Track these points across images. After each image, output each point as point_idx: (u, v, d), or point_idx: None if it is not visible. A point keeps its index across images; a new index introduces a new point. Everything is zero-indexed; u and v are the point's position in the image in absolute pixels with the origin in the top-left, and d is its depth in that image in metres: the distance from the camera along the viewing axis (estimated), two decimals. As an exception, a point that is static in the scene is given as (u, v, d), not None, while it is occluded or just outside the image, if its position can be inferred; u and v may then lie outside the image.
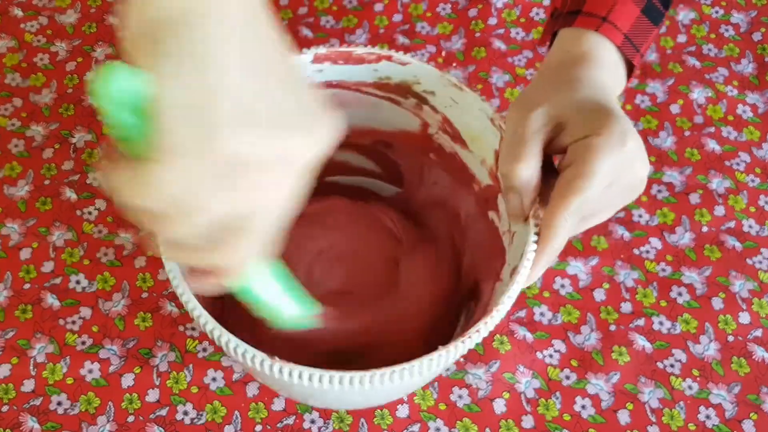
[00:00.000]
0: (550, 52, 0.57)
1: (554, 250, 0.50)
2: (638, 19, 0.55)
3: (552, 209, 0.49)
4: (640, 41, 0.55)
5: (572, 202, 0.48)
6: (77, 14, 0.82)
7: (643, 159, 0.50)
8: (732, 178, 0.74)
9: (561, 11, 0.57)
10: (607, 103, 0.50)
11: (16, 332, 0.65)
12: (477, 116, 0.59)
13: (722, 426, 0.63)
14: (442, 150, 0.64)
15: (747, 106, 0.78)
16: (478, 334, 0.49)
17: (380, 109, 0.63)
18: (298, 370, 0.47)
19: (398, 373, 0.48)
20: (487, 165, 0.60)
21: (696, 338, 0.66)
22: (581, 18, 0.55)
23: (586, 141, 0.48)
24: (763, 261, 0.70)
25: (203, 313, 0.49)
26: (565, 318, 0.67)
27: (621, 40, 0.54)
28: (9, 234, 0.69)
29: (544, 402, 0.63)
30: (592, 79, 0.52)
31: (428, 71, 0.59)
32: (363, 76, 0.61)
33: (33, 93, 0.77)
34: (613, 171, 0.48)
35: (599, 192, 0.48)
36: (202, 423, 0.62)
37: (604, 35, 0.54)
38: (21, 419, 0.62)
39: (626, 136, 0.48)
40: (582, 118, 0.49)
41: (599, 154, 0.47)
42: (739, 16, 0.84)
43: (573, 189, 0.48)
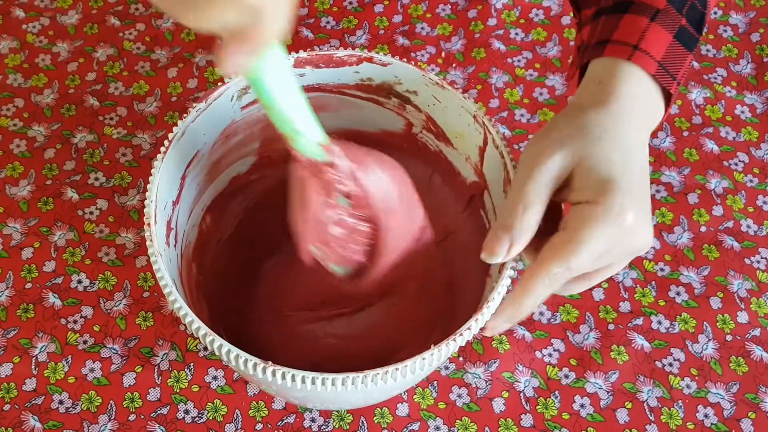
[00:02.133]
0: (581, 86, 0.54)
1: (522, 312, 0.49)
2: (671, 45, 0.53)
3: (532, 271, 0.48)
4: (675, 69, 0.53)
5: (552, 268, 0.47)
6: (79, 15, 0.83)
7: (645, 230, 0.48)
8: (730, 178, 0.74)
9: (588, 43, 0.55)
10: (622, 168, 0.48)
11: (17, 331, 0.65)
12: (460, 114, 0.59)
13: (720, 425, 0.63)
14: (427, 149, 0.64)
15: (745, 107, 0.78)
16: (469, 332, 0.50)
17: (364, 111, 0.63)
18: (291, 373, 0.48)
19: (391, 373, 0.48)
20: (471, 162, 0.61)
21: (694, 337, 0.67)
22: (611, 47, 0.52)
23: (585, 207, 0.47)
24: (761, 261, 0.70)
25: (195, 319, 0.49)
26: (564, 317, 0.67)
27: (655, 68, 0.52)
28: (11, 234, 0.70)
29: (543, 401, 0.64)
30: (618, 132, 0.50)
31: (409, 71, 0.60)
32: (345, 78, 0.61)
33: (35, 93, 0.77)
34: (606, 243, 0.47)
35: (589, 261, 0.47)
36: (203, 422, 0.62)
37: (636, 64, 0.51)
38: (23, 418, 0.62)
39: (626, 211, 0.46)
40: (590, 179, 0.48)
41: (591, 225, 0.46)
42: (738, 17, 0.84)
43: (556, 255, 0.47)
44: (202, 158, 0.60)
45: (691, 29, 0.54)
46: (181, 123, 0.56)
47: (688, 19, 0.54)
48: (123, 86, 0.78)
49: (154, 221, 0.53)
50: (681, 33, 0.54)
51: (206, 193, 0.63)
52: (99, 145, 0.74)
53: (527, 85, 0.79)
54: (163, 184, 0.55)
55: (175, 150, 0.56)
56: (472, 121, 0.58)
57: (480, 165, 0.60)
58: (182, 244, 0.59)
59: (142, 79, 0.79)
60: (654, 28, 0.53)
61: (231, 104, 0.59)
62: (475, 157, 0.60)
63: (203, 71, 0.79)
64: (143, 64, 0.80)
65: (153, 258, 0.51)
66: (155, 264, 0.51)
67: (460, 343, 0.49)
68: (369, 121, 0.64)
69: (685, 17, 0.54)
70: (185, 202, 0.59)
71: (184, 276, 0.59)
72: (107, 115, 0.76)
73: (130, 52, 0.80)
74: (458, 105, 0.59)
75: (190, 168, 0.59)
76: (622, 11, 0.54)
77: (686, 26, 0.54)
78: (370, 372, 0.48)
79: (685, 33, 0.54)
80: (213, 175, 0.63)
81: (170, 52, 0.81)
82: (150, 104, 0.77)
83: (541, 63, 0.80)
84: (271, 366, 0.48)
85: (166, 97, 0.78)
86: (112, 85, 0.78)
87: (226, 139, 0.61)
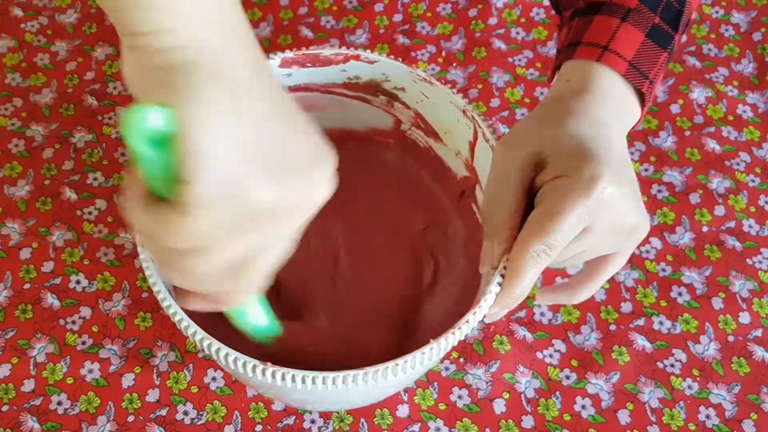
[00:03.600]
0: (550, 87, 0.54)
1: (515, 296, 0.48)
2: (643, 44, 0.52)
3: (515, 253, 0.47)
4: (647, 67, 0.52)
5: (532, 246, 0.46)
6: (77, 14, 0.82)
7: (631, 206, 0.47)
8: (732, 178, 0.74)
9: (562, 46, 0.55)
10: (592, 143, 0.47)
11: (16, 332, 0.65)
12: (449, 109, 0.59)
13: (722, 426, 0.63)
14: (416, 145, 0.64)
15: (747, 106, 0.78)
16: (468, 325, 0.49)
17: (351, 109, 0.63)
18: (291, 373, 0.47)
19: (391, 369, 0.48)
20: (462, 157, 0.61)
21: (696, 338, 0.66)
22: (581, 48, 0.52)
23: (555, 182, 0.46)
24: (763, 261, 0.70)
25: (191, 324, 0.49)
26: (565, 318, 0.67)
27: (625, 68, 0.51)
28: (9, 234, 0.69)
29: (544, 402, 0.63)
30: (587, 113, 0.49)
31: (397, 68, 0.59)
32: (332, 77, 0.61)
33: (33, 93, 0.77)
34: (582, 216, 0.45)
35: (567, 237, 0.46)
36: (202, 423, 0.62)
37: (606, 65, 0.51)
38: (21, 419, 0.62)
39: (596, 181, 0.45)
40: (560, 156, 0.47)
41: (563, 197, 0.45)
42: (740, 16, 0.84)
43: (535, 231, 0.46)
44: None
45: (665, 27, 0.54)
46: None
47: (662, 18, 0.54)
48: (122, 85, 0.78)
49: None
50: (654, 31, 0.53)
51: None
52: (98, 145, 0.74)
53: (528, 85, 0.79)
54: None
55: None
56: (461, 116, 0.58)
57: (470, 160, 0.60)
58: None
59: (141, 79, 0.78)
60: (625, 27, 0.52)
61: None
62: (465, 152, 0.60)
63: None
64: (142, 64, 0.79)
65: (145, 264, 0.51)
66: (147, 270, 0.50)
67: (458, 337, 0.49)
68: (357, 119, 0.64)
69: (658, 16, 0.54)
70: None
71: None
72: (106, 114, 0.76)
73: (129, 52, 0.80)
74: (447, 100, 0.59)
75: None
76: (594, 12, 0.54)
77: (660, 24, 0.53)
78: (370, 369, 0.47)
79: (659, 31, 0.53)
80: None
81: (169, 52, 0.80)
82: (149, 104, 0.77)
83: (542, 62, 0.80)
84: (270, 367, 0.48)
85: (165, 96, 0.77)
86: (111, 85, 0.78)
87: None
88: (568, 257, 0.48)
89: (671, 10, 0.54)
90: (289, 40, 0.81)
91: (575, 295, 0.54)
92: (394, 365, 0.48)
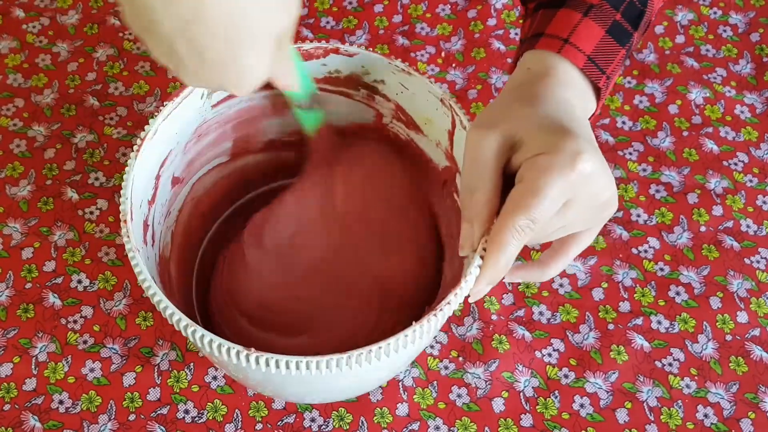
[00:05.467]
0: (513, 74, 0.55)
1: (498, 269, 0.49)
2: (602, 39, 0.54)
3: (497, 227, 0.47)
4: (605, 63, 0.54)
5: (516, 220, 0.46)
6: (78, 15, 0.83)
7: (603, 179, 0.48)
8: (730, 178, 0.74)
9: (525, 37, 0.56)
10: (566, 121, 0.48)
11: (17, 331, 0.65)
12: (427, 99, 0.59)
13: (720, 425, 0.63)
14: (398, 138, 0.64)
15: (745, 107, 0.78)
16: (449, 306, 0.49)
17: (333, 104, 0.63)
18: (275, 359, 0.47)
19: (375, 352, 0.47)
20: (442, 147, 0.61)
21: (694, 337, 0.67)
22: (543, 40, 0.54)
23: (536, 159, 0.47)
24: (761, 260, 0.70)
25: (176, 311, 0.49)
26: (564, 317, 0.67)
27: (584, 62, 0.53)
28: (11, 234, 0.70)
29: (542, 401, 0.64)
30: (555, 95, 0.51)
31: (376, 60, 0.60)
32: (313, 72, 0.61)
33: (35, 93, 0.78)
34: (564, 191, 0.46)
35: (549, 211, 0.46)
36: (203, 421, 0.62)
37: (565, 58, 0.52)
38: (23, 418, 0.62)
39: (578, 156, 0.46)
40: (537, 135, 0.47)
41: (546, 173, 0.46)
42: (737, 17, 0.84)
43: (519, 207, 0.46)
44: (175, 158, 0.60)
45: (626, 24, 0.55)
46: (153, 121, 0.56)
47: (624, 15, 0.55)
48: (123, 86, 0.78)
49: (131, 218, 0.52)
50: (614, 28, 0.54)
51: (180, 194, 0.63)
52: (99, 145, 0.75)
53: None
54: (137, 182, 0.55)
55: (148, 148, 0.55)
56: (439, 104, 0.59)
57: (450, 149, 0.60)
58: (160, 243, 0.59)
59: (142, 79, 0.79)
60: (586, 22, 0.54)
61: (201, 102, 0.59)
62: (445, 142, 0.60)
63: (203, 71, 0.79)
64: (143, 64, 0.80)
65: (131, 254, 0.51)
66: (133, 260, 0.51)
67: (441, 319, 0.49)
68: (339, 114, 0.64)
69: (620, 13, 0.55)
70: (160, 203, 0.59)
71: (164, 276, 0.59)
72: (107, 115, 0.76)
73: (130, 52, 0.80)
74: (425, 90, 0.59)
75: (164, 167, 0.59)
76: (558, 5, 0.55)
77: (620, 21, 0.55)
78: (353, 352, 0.47)
79: (619, 28, 0.54)
80: (187, 175, 0.62)
81: (170, 52, 0.80)
82: (150, 104, 0.77)
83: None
84: (254, 353, 0.47)
85: (166, 97, 0.78)
86: (112, 85, 0.78)
87: (198, 138, 0.61)
88: (549, 232, 0.49)
89: (634, 9, 0.56)
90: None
91: (546, 271, 0.54)
92: (378, 348, 0.48)
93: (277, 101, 0.63)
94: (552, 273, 0.54)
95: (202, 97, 0.59)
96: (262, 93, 0.62)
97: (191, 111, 0.59)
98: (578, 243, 0.53)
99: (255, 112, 0.64)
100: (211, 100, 0.60)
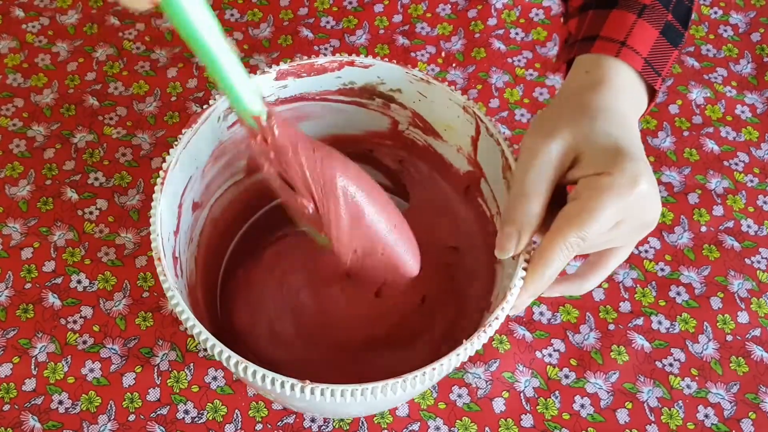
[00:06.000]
0: (568, 77, 0.55)
1: (543, 282, 0.49)
2: (657, 41, 0.53)
3: (548, 241, 0.48)
4: (660, 65, 0.53)
5: (569, 236, 0.47)
6: (78, 15, 0.83)
7: (655, 201, 0.49)
8: (731, 178, 0.74)
9: (576, 37, 0.56)
10: (626, 140, 0.49)
11: (17, 332, 0.65)
12: (448, 106, 0.59)
13: (721, 425, 0.63)
14: (415, 144, 0.64)
15: (746, 107, 0.78)
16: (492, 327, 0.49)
17: (347, 114, 0.63)
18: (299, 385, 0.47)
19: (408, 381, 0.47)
20: (464, 152, 0.61)
21: (695, 338, 0.67)
22: (600, 43, 0.53)
23: (597, 178, 0.47)
24: (761, 261, 0.70)
25: (203, 330, 0.49)
26: (565, 317, 0.67)
27: (641, 65, 0.52)
28: (10, 234, 0.70)
29: (543, 401, 0.64)
30: (613, 108, 0.50)
31: (392, 70, 0.59)
32: (327, 85, 0.61)
33: (34, 93, 0.77)
34: (620, 212, 0.47)
35: (601, 231, 0.47)
36: (202, 422, 0.62)
37: (624, 61, 0.52)
38: (22, 418, 0.62)
39: (639, 179, 0.46)
40: (597, 153, 0.48)
41: (607, 193, 0.46)
42: (738, 16, 0.84)
43: (573, 223, 0.47)
44: (195, 183, 0.59)
45: (677, 25, 0.55)
46: (173, 151, 0.55)
47: (675, 15, 0.55)
48: (122, 86, 0.78)
49: (164, 254, 0.51)
50: (667, 29, 0.54)
51: (200, 218, 0.62)
52: (99, 145, 0.74)
53: (527, 85, 0.79)
54: (164, 215, 0.53)
55: (170, 179, 0.55)
56: (461, 112, 0.58)
57: (474, 154, 0.60)
58: (186, 273, 0.58)
59: (141, 79, 0.79)
60: (641, 24, 0.53)
61: (218, 125, 0.58)
62: (467, 148, 0.60)
63: (203, 71, 0.79)
64: (143, 64, 0.80)
65: (170, 293, 0.50)
66: (173, 299, 0.49)
67: (489, 333, 0.49)
68: (353, 123, 0.64)
69: (671, 13, 0.55)
70: (183, 231, 0.58)
71: (195, 304, 0.58)
72: (107, 114, 0.76)
73: (130, 52, 0.80)
74: (446, 98, 0.59)
75: (185, 195, 0.58)
76: (610, 6, 0.55)
77: (672, 22, 0.55)
78: (408, 376, 0.47)
79: (671, 29, 0.54)
80: (206, 198, 0.62)
81: (170, 52, 0.80)
82: (150, 104, 0.77)
83: (542, 63, 0.80)
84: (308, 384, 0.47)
85: (165, 97, 0.78)
86: (112, 85, 0.78)
87: (215, 160, 0.60)
88: (592, 248, 0.50)
89: (682, 7, 0.56)
90: (289, 41, 0.81)
91: (584, 284, 0.54)
92: (431, 369, 0.47)
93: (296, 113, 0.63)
94: (590, 286, 0.54)
95: (219, 120, 0.58)
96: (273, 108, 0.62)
97: (208, 135, 0.58)
98: (617, 256, 0.52)
99: None
100: (227, 122, 0.59)
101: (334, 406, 0.54)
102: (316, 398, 0.47)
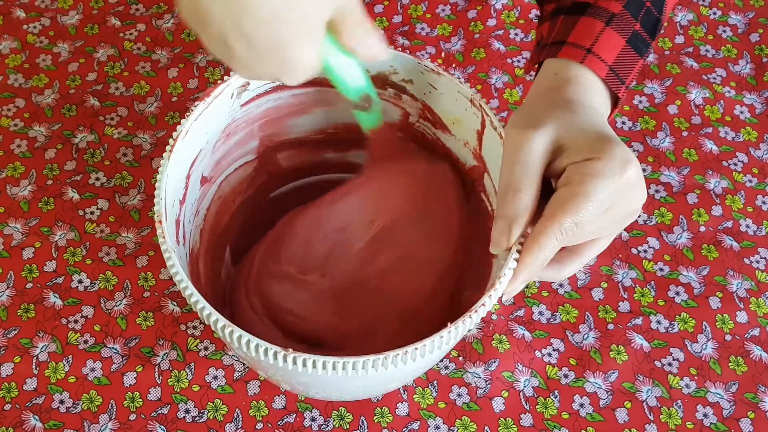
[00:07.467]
0: (538, 78, 0.56)
1: (536, 267, 0.49)
2: (623, 50, 0.54)
3: (542, 225, 0.48)
4: (625, 73, 0.54)
5: (563, 221, 0.47)
6: (79, 15, 0.83)
7: (642, 188, 0.49)
8: (729, 178, 0.74)
9: (546, 41, 0.57)
10: (607, 129, 0.50)
11: (18, 331, 0.66)
12: (456, 99, 0.60)
13: (720, 424, 0.63)
14: (424, 137, 0.65)
15: (744, 107, 0.79)
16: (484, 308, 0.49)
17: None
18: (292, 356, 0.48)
19: (410, 353, 0.48)
20: (470, 146, 0.61)
21: (694, 337, 0.67)
22: (566, 48, 0.54)
23: (587, 163, 0.47)
24: (760, 260, 0.70)
25: (206, 305, 0.50)
26: (564, 317, 0.67)
27: (606, 72, 0.53)
28: (11, 234, 0.70)
29: (542, 400, 0.64)
30: (587, 103, 0.52)
31: (404, 60, 0.60)
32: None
33: (35, 94, 0.78)
34: (611, 196, 0.47)
35: (594, 216, 0.47)
36: (203, 421, 0.62)
37: (588, 68, 0.53)
38: (23, 418, 0.62)
39: (628, 164, 0.47)
40: (583, 141, 0.48)
41: (598, 177, 0.47)
42: (737, 17, 0.84)
43: (566, 209, 0.47)
44: (204, 157, 0.60)
45: (644, 34, 0.56)
46: (185, 121, 0.56)
47: (643, 25, 0.56)
48: (123, 86, 0.78)
49: (165, 218, 0.53)
50: (634, 38, 0.55)
51: (209, 193, 0.63)
52: (100, 146, 0.75)
53: (527, 85, 0.79)
54: (170, 182, 0.55)
55: (180, 148, 0.56)
56: (468, 105, 0.59)
57: (479, 149, 0.60)
58: (189, 243, 0.60)
59: (142, 80, 0.79)
60: (608, 32, 0.54)
61: (231, 102, 0.60)
62: (473, 141, 0.61)
63: (204, 71, 0.80)
64: (144, 65, 0.80)
65: (167, 254, 0.51)
66: (169, 260, 0.51)
67: (475, 319, 0.49)
68: None
69: (639, 22, 0.56)
70: (190, 202, 0.60)
71: (195, 273, 0.59)
72: (108, 115, 0.76)
73: (131, 53, 0.80)
74: (454, 90, 0.59)
75: (194, 167, 0.59)
76: (580, 12, 0.56)
77: (640, 31, 0.55)
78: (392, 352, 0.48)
79: (638, 38, 0.55)
80: (215, 174, 0.63)
81: (171, 53, 0.81)
82: (150, 104, 0.77)
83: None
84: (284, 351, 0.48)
85: (166, 97, 0.78)
86: (113, 86, 0.78)
87: (227, 137, 0.61)
88: (583, 238, 0.50)
89: (650, 17, 0.56)
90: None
91: (562, 271, 0.55)
92: (413, 349, 0.48)
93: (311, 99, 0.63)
94: (568, 273, 0.55)
95: (232, 97, 0.59)
96: (290, 92, 0.63)
97: (221, 111, 0.59)
98: (596, 246, 0.53)
99: (282, 111, 0.64)
100: (241, 100, 0.60)
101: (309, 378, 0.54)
102: (299, 368, 0.48)
